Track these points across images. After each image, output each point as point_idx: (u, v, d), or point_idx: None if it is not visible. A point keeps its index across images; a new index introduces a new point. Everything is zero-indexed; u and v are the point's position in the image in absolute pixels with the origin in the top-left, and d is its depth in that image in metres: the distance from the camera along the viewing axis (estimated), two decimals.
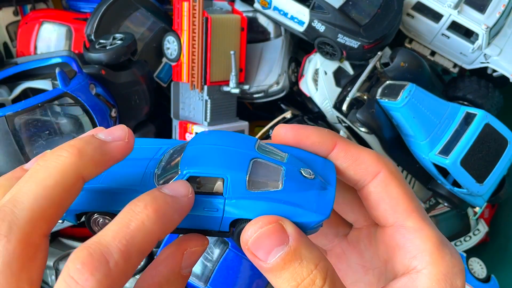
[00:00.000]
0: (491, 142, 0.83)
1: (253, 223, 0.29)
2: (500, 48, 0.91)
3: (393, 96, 0.83)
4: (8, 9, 0.99)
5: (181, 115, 0.97)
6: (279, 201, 0.31)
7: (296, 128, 0.34)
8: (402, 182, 0.34)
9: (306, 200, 0.31)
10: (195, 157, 0.32)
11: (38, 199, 0.26)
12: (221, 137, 0.34)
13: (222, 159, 0.32)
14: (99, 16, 0.91)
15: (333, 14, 0.86)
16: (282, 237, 0.28)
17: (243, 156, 0.32)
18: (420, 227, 0.32)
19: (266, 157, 0.33)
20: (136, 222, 0.26)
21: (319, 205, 0.31)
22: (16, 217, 0.25)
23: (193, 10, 0.88)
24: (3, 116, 0.69)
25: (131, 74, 0.86)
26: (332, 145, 0.34)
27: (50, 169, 0.27)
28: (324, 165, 0.34)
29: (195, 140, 0.34)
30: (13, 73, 0.83)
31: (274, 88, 1.00)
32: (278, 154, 0.34)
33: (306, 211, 0.31)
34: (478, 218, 1.07)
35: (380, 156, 0.34)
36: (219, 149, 0.33)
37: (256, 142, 0.34)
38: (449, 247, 0.32)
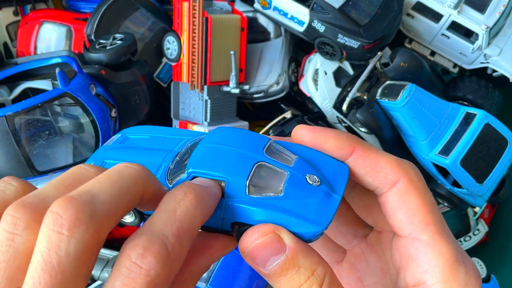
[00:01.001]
0: (491, 142, 0.83)
1: (250, 233, 0.29)
2: (500, 48, 0.91)
3: (393, 96, 0.83)
4: (8, 9, 0.99)
5: (181, 115, 0.97)
6: (277, 209, 0.31)
7: (314, 130, 0.34)
8: (422, 192, 0.33)
9: (305, 209, 0.31)
10: (202, 157, 0.33)
11: (114, 198, 0.27)
12: (234, 136, 0.34)
13: (226, 162, 0.32)
14: (99, 16, 0.91)
15: (333, 14, 0.86)
16: (278, 247, 0.29)
17: (248, 159, 0.32)
18: (435, 241, 0.31)
19: (272, 161, 0.32)
20: (181, 209, 0.27)
21: (318, 215, 0.31)
22: (96, 208, 0.25)
23: (193, 10, 0.88)
24: (3, 116, 0.69)
25: (131, 74, 0.86)
26: (350, 150, 0.33)
27: (123, 174, 0.28)
28: (337, 170, 0.33)
29: (209, 137, 0.35)
30: (13, 73, 0.84)
31: (274, 88, 1.00)
32: (287, 157, 0.34)
33: (302, 221, 0.30)
34: (478, 218, 1.07)
35: (400, 162, 0.33)
36: (227, 150, 0.33)
37: (267, 142, 0.34)
38: (465, 264, 0.31)
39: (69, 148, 0.75)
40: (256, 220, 0.31)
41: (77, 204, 0.24)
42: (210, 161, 0.32)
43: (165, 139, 0.37)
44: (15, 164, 0.71)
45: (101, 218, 0.25)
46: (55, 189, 0.27)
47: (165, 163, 0.35)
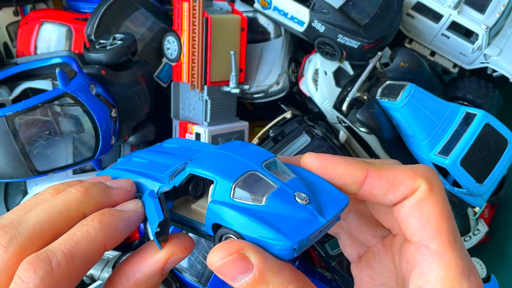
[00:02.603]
0: (491, 142, 0.84)
1: (215, 251, 0.30)
2: (500, 48, 0.91)
3: (393, 96, 0.83)
4: (8, 9, 0.99)
5: (181, 115, 0.97)
6: (254, 216, 0.30)
7: (323, 157, 0.34)
8: (440, 200, 0.33)
9: (282, 222, 0.30)
10: (202, 159, 0.35)
11: (40, 222, 0.31)
12: (241, 147, 0.36)
13: (221, 165, 0.33)
14: (99, 16, 0.91)
15: (333, 14, 0.86)
16: (244, 265, 0.29)
17: (243, 166, 0.33)
18: (444, 251, 0.31)
19: (266, 173, 0.33)
20: (81, 231, 0.31)
21: (293, 230, 0.30)
22: (18, 232, 0.30)
23: (193, 10, 0.88)
24: (3, 116, 0.69)
25: (131, 74, 0.86)
26: (363, 174, 0.33)
27: (57, 200, 0.32)
28: (335, 198, 0.33)
29: (221, 146, 0.37)
30: (13, 73, 0.83)
31: (274, 88, 1.00)
32: (285, 174, 0.34)
33: (275, 232, 0.30)
34: (478, 218, 1.07)
35: (417, 169, 0.33)
36: (227, 156, 0.34)
37: (270, 158, 0.35)
38: (470, 280, 0.30)
39: (69, 148, 0.76)
40: (235, 225, 0.30)
41: (2, 231, 0.29)
42: (207, 162, 0.34)
43: (188, 149, 0.42)
44: (15, 164, 0.71)
45: (22, 241, 0.29)
46: (14, 213, 0.33)
47: (177, 165, 0.38)
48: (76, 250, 0.30)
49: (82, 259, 0.30)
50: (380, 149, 0.94)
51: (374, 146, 0.95)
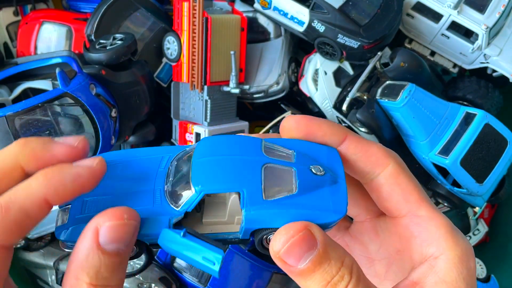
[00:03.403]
0: (491, 142, 0.84)
1: (283, 232, 0.29)
2: (500, 48, 0.91)
3: (393, 96, 0.83)
4: (8, 9, 0.99)
5: (181, 115, 0.97)
6: (297, 206, 0.31)
7: (307, 118, 0.35)
8: (410, 174, 0.35)
9: (321, 200, 0.31)
10: (206, 173, 0.31)
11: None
12: (226, 144, 0.33)
13: (234, 172, 0.31)
14: (99, 16, 0.91)
15: (333, 14, 0.86)
16: (311, 242, 0.29)
17: (253, 164, 0.32)
18: (433, 215, 0.33)
19: (275, 160, 0.32)
20: (23, 184, 0.29)
21: (335, 203, 0.31)
22: None
23: (193, 10, 0.88)
24: (4, 116, 0.69)
25: (131, 74, 0.86)
26: (343, 136, 0.35)
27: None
28: (330, 155, 0.34)
29: (201, 149, 0.33)
30: (14, 73, 0.83)
31: (274, 88, 1.00)
32: (285, 153, 0.33)
33: (324, 212, 0.31)
34: (478, 218, 1.07)
35: (388, 149, 0.35)
36: (228, 160, 0.32)
37: (261, 143, 0.34)
38: (459, 232, 0.33)
39: None
40: (280, 222, 0.30)
41: None
42: (217, 176, 0.31)
43: (144, 161, 0.35)
44: None
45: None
46: None
47: (159, 187, 0.33)
48: (13, 203, 0.28)
49: (19, 212, 0.28)
50: None
51: None
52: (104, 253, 0.28)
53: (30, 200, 0.29)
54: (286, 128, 0.35)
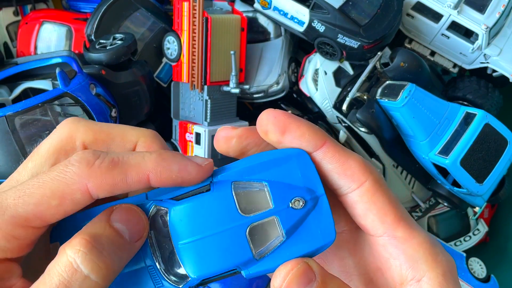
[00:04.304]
0: (491, 142, 0.84)
1: (281, 269, 0.29)
2: (500, 48, 0.91)
3: (393, 96, 0.83)
4: (8, 9, 0.99)
5: (181, 115, 0.97)
6: (290, 250, 0.30)
7: (287, 115, 0.32)
8: (388, 191, 0.33)
9: (310, 232, 0.30)
10: (194, 257, 0.30)
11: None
12: (201, 218, 0.31)
13: (222, 250, 0.30)
14: (99, 16, 0.91)
15: (333, 14, 0.86)
16: (310, 275, 0.29)
17: (237, 232, 0.30)
18: (410, 235, 0.32)
19: (255, 217, 0.31)
20: (138, 154, 0.30)
21: (322, 228, 0.31)
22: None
23: (193, 10, 0.88)
24: (4, 116, 0.70)
25: (131, 74, 0.86)
26: (321, 141, 0.32)
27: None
28: (301, 166, 0.31)
29: (177, 228, 0.31)
30: (14, 73, 0.83)
31: (274, 88, 1.00)
32: (260, 193, 0.31)
33: (315, 243, 0.30)
34: (478, 218, 1.07)
35: (367, 163, 0.33)
36: (211, 238, 0.30)
37: (233, 199, 0.31)
38: (438, 246, 0.32)
39: None
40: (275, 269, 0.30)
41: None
42: (206, 258, 0.30)
43: None
44: (15, 164, 0.71)
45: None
46: None
47: (149, 264, 0.31)
48: (121, 162, 0.29)
49: (121, 173, 0.29)
50: (380, 149, 0.94)
51: (374, 146, 0.95)
52: (110, 226, 0.29)
53: (137, 169, 0.29)
54: (264, 122, 0.33)
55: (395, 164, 0.98)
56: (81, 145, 0.31)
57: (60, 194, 0.28)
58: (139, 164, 0.29)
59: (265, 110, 0.33)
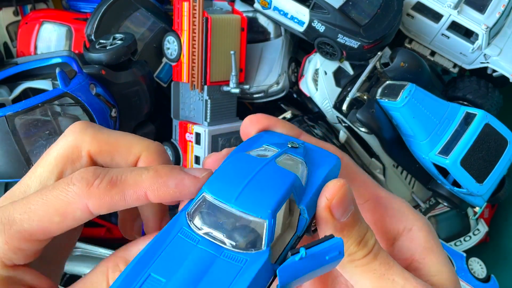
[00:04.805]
0: (491, 142, 0.84)
1: (331, 185, 0.30)
2: (500, 48, 0.91)
3: (393, 96, 0.83)
4: (8, 9, 0.99)
5: (181, 115, 0.97)
6: (320, 174, 0.32)
7: (267, 116, 0.38)
8: (359, 167, 0.39)
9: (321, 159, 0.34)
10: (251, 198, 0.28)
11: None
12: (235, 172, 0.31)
13: (270, 182, 0.30)
14: (99, 16, 0.91)
15: (333, 14, 0.86)
16: (351, 197, 0.31)
17: (270, 167, 0.31)
18: (391, 195, 0.37)
19: (272, 156, 0.33)
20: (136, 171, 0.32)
21: (327, 155, 0.35)
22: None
23: (193, 10, 0.88)
24: (3, 116, 0.69)
25: (131, 74, 0.86)
26: (299, 132, 0.38)
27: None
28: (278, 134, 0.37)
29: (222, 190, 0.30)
30: (13, 73, 0.83)
31: (274, 88, 1.00)
32: (266, 150, 0.34)
33: (330, 163, 0.34)
34: (478, 218, 1.07)
35: (337, 148, 0.38)
36: (254, 180, 0.30)
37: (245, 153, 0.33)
38: (415, 210, 0.38)
39: None
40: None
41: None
42: (262, 195, 0.28)
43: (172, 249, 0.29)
44: (15, 164, 0.71)
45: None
46: None
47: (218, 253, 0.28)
48: (120, 182, 0.30)
49: (120, 192, 0.30)
50: (380, 149, 0.94)
51: (374, 146, 0.95)
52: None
53: (134, 188, 0.30)
54: (247, 124, 0.38)
55: (395, 164, 0.98)
56: (87, 154, 0.33)
57: (62, 212, 0.29)
58: (137, 183, 0.30)
59: (248, 117, 0.38)
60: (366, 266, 0.31)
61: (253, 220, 0.28)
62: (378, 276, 0.31)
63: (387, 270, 0.31)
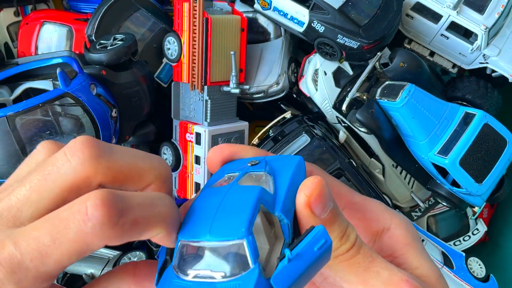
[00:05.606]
0: (490, 142, 0.84)
1: (308, 183, 0.30)
2: (499, 49, 0.92)
3: (393, 96, 0.83)
4: (9, 9, 0.99)
5: (181, 115, 0.98)
6: (285, 177, 0.32)
7: (229, 145, 0.37)
8: (331, 176, 0.39)
9: (284, 165, 0.33)
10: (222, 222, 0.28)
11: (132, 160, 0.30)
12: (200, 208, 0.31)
13: (238, 202, 0.29)
14: (100, 17, 0.92)
15: (332, 14, 0.87)
16: (329, 194, 0.31)
17: (234, 187, 0.31)
18: (365, 199, 0.38)
19: (237, 178, 0.32)
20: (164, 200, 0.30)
21: (288, 159, 0.34)
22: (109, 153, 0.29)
23: (193, 10, 0.88)
24: (4, 116, 0.70)
25: (132, 75, 0.86)
26: (264, 154, 0.37)
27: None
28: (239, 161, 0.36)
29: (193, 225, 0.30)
30: (14, 73, 0.84)
31: (274, 88, 1.00)
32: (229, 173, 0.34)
33: (292, 164, 0.33)
34: (477, 217, 1.08)
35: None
36: (224, 202, 0.30)
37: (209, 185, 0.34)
38: (391, 209, 0.39)
39: None
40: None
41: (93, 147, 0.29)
42: (234, 215, 0.28)
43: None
44: (16, 164, 0.71)
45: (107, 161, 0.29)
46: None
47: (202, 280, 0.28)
48: (143, 218, 0.27)
49: (139, 232, 0.27)
50: (379, 149, 0.94)
51: (374, 146, 0.95)
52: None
53: (148, 222, 0.27)
54: (211, 157, 0.37)
55: (394, 164, 0.98)
56: (97, 186, 0.29)
57: (80, 253, 0.26)
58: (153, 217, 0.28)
59: (210, 150, 0.37)
60: (350, 261, 0.31)
61: (232, 244, 0.27)
62: (363, 270, 0.31)
63: (371, 263, 0.31)
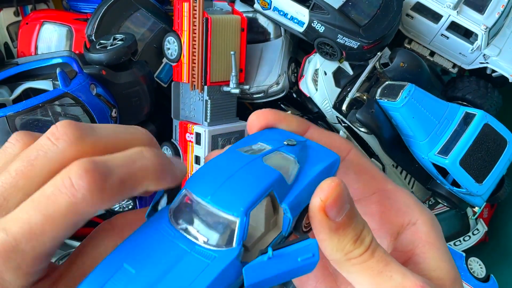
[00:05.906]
0: (490, 142, 0.84)
1: (325, 186, 0.29)
2: (499, 49, 0.91)
3: (393, 96, 0.83)
4: (9, 9, 0.99)
5: (181, 115, 0.98)
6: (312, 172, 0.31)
7: (274, 111, 0.36)
8: (368, 158, 0.39)
9: (318, 158, 0.33)
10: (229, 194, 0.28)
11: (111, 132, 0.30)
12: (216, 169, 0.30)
13: (250, 179, 0.29)
14: (100, 17, 0.92)
15: (332, 14, 0.87)
16: (347, 195, 0.30)
17: (255, 164, 0.30)
18: (398, 188, 0.37)
19: (262, 154, 0.31)
20: (141, 161, 0.29)
21: (325, 153, 0.33)
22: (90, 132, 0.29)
23: (193, 10, 0.88)
24: (4, 116, 0.70)
25: (132, 75, 0.86)
26: (306, 126, 0.37)
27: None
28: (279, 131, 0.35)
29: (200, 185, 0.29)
30: (14, 73, 0.84)
31: (274, 88, 1.00)
32: (258, 146, 0.33)
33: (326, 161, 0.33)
34: (477, 217, 1.08)
35: (346, 139, 0.39)
36: (236, 175, 0.29)
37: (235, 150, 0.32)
38: (421, 203, 0.37)
39: None
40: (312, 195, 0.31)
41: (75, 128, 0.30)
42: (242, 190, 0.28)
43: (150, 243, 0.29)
44: None
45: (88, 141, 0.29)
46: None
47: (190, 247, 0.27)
48: (127, 175, 0.27)
49: (128, 189, 0.27)
50: (379, 149, 0.94)
51: (374, 146, 0.95)
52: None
53: (134, 177, 0.27)
54: (256, 122, 0.36)
55: (394, 164, 0.98)
56: None
57: (74, 224, 0.26)
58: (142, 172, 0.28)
59: (254, 112, 0.36)
60: (363, 264, 0.30)
61: (226, 217, 0.27)
62: (375, 274, 0.30)
63: (384, 267, 0.30)
